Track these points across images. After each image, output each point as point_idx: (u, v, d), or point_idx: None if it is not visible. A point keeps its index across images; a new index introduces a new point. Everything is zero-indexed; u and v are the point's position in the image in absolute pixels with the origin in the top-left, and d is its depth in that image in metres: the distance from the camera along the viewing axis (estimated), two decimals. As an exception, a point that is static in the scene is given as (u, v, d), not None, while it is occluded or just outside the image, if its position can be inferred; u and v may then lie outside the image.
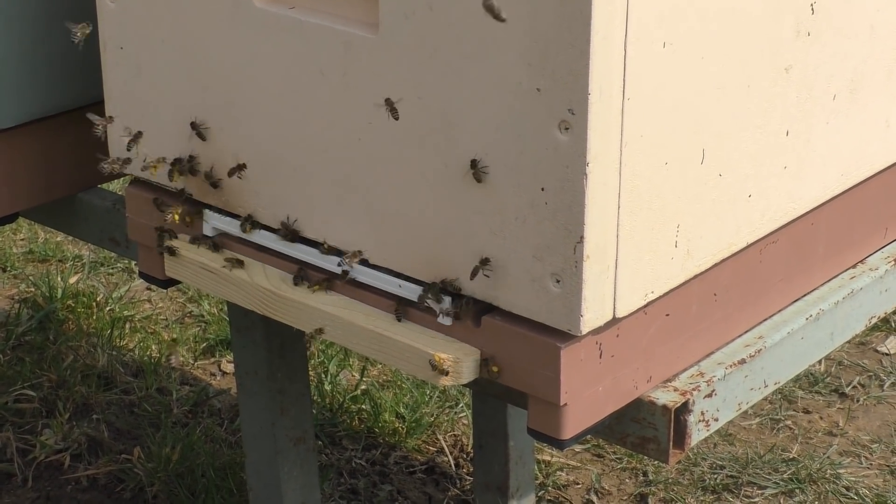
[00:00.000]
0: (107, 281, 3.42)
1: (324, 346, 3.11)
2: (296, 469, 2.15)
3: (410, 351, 1.56)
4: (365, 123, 1.56)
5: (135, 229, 1.82)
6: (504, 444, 2.47)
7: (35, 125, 1.94)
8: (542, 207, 1.44)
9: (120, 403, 2.96)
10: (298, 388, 2.11)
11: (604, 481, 2.82)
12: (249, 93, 1.66)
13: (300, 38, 1.59)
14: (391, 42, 1.51)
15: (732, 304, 1.68)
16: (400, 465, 2.84)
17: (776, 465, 2.85)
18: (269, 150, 1.66)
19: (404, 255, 1.58)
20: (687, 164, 1.52)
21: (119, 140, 1.80)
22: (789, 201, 1.69)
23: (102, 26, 1.76)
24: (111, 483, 2.75)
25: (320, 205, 1.64)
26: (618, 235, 1.46)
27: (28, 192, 1.97)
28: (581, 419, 1.53)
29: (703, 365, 1.66)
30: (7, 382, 2.97)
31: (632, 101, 1.42)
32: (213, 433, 2.86)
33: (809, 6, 1.61)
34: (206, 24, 1.66)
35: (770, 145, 1.62)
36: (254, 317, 1.98)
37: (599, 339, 1.51)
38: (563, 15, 1.37)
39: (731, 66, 1.53)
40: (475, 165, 1.47)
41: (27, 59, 1.90)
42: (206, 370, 3.13)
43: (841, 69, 1.69)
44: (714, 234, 1.58)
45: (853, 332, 1.85)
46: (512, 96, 1.43)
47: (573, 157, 1.41)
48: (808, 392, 3.11)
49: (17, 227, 3.62)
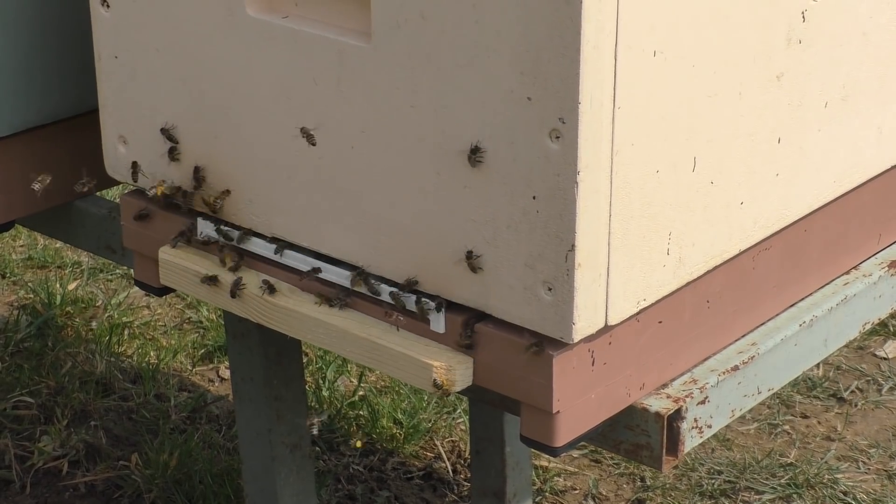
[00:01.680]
0: (105, 287, 3.43)
1: (321, 353, 3.11)
2: (292, 475, 2.16)
3: (404, 359, 1.56)
4: (358, 132, 1.57)
5: (130, 237, 1.83)
6: (501, 450, 2.47)
7: (31, 133, 1.94)
8: (534, 216, 1.45)
9: (118, 410, 2.97)
10: (294, 395, 2.12)
11: (601, 487, 2.83)
12: (244, 101, 1.66)
13: (294, 47, 1.59)
14: (384, 50, 1.52)
15: (725, 311, 1.68)
16: (397, 471, 2.84)
17: (774, 470, 2.86)
18: (263, 158, 1.67)
19: (397, 263, 1.58)
20: (678, 171, 1.52)
21: (113, 148, 1.81)
22: (782, 208, 1.69)
23: (97, 35, 1.77)
24: (109, 489, 2.75)
25: (314, 213, 1.64)
26: (609, 243, 1.46)
27: (24, 201, 1.98)
28: (574, 426, 1.54)
29: (696, 372, 1.66)
30: (5, 389, 2.97)
31: (622, 109, 1.43)
32: (211, 439, 2.86)
33: (801, 13, 1.61)
34: (201, 33, 1.67)
35: (762, 152, 1.63)
36: (249, 323, 1.98)
37: (592, 346, 1.51)
38: (554, 24, 1.38)
39: (723, 73, 1.53)
40: (476, 151, 1.47)
41: (23, 68, 1.90)
42: (204, 376, 3.14)
43: (833, 76, 1.69)
44: (706, 241, 1.59)
45: (847, 338, 1.86)
46: (503, 104, 1.44)
47: (564, 166, 1.41)
48: (806, 397, 3.11)
49: (16, 233, 3.63)
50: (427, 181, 1.53)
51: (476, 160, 1.47)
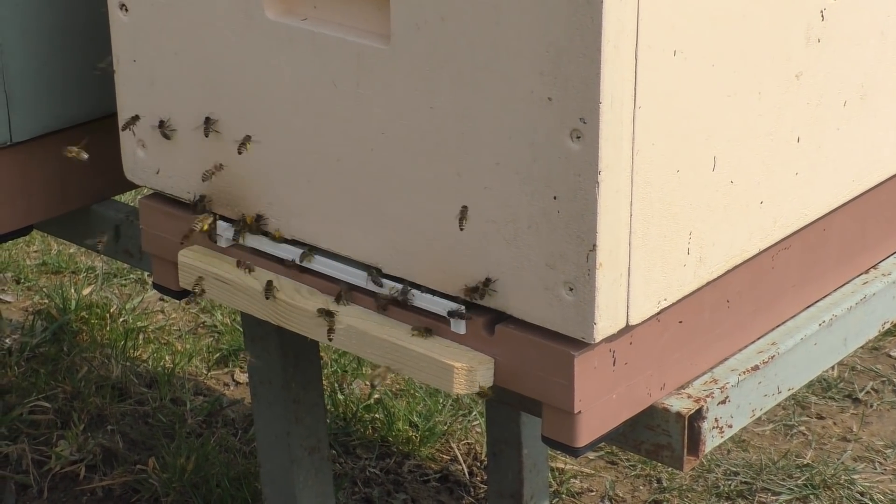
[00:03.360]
0: (120, 292, 3.43)
1: (337, 356, 3.11)
2: (310, 478, 2.16)
3: (425, 360, 1.56)
4: (378, 133, 1.57)
5: (149, 241, 1.83)
6: (518, 452, 2.47)
7: (50, 138, 1.95)
8: (555, 216, 1.45)
9: (134, 414, 2.97)
10: (312, 397, 2.12)
11: (618, 488, 2.83)
12: (262, 104, 1.66)
13: (313, 50, 1.59)
14: (403, 53, 1.52)
15: (745, 311, 1.68)
16: (414, 474, 2.84)
17: (790, 471, 2.85)
18: (282, 161, 1.67)
19: (418, 265, 1.58)
20: (698, 171, 1.52)
21: (131, 152, 1.81)
22: (801, 207, 1.69)
23: (115, 40, 1.77)
24: (126, 494, 2.75)
25: (334, 215, 1.65)
26: (630, 243, 1.46)
27: (43, 205, 1.98)
28: (595, 427, 1.54)
29: (717, 371, 1.66)
30: (22, 394, 2.98)
31: (643, 109, 1.43)
32: (227, 443, 2.86)
33: (819, 13, 1.61)
34: (219, 37, 1.67)
35: (781, 152, 1.63)
36: (268, 326, 1.99)
37: (613, 346, 1.51)
38: (575, 24, 1.38)
39: (742, 73, 1.54)
40: (488, 283, 1.51)
41: (42, 72, 1.91)
42: (219, 380, 3.14)
43: (851, 75, 1.69)
44: (726, 240, 1.59)
45: (866, 337, 1.86)
46: (524, 105, 1.44)
47: (585, 166, 1.41)
48: (821, 398, 3.11)
49: (30, 239, 3.63)
50: (447, 183, 1.53)
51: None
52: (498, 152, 1.47)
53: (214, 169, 1.70)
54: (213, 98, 1.71)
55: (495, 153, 1.48)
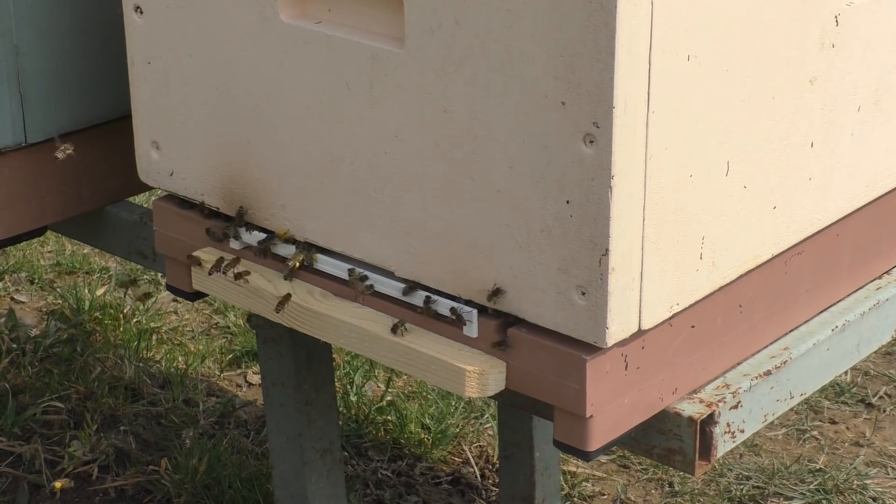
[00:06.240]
0: (133, 293, 3.44)
1: (349, 358, 3.12)
2: (322, 480, 2.16)
3: (437, 363, 1.56)
4: (391, 136, 1.57)
5: (162, 242, 1.84)
6: (530, 455, 2.47)
7: (64, 139, 1.95)
8: (568, 220, 1.45)
9: (147, 415, 2.98)
10: (325, 399, 2.12)
11: (630, 492, 2.82)
12: (276, 106, 1.67)
13: (327, 52, 1.60)
14: (417, 55, 1.52)
15: (758, 316, 1.68)
16: (426, 477, 2.84)
17: (802, 476, 2.85)
18: (296, 163, 1.67)
19: (431, 268, 1.58)
20: (712, 176, 1.52)
21: (146, 154, 1.81)
22: (815, 212, 1.69)
23: (130, 42, 1.78)
24: (139, 494, 2.76)
25: (346, 217, 1.65)
26: (643, 248, 1.46)
27: (57, 206, 1.99)
28: (607, 431, 1.54)
29: (729, 376, 1.66)
30: (35, 394, 2.99)
31: (656, 113, 1.43)
32: (239, 444, 2.87)
33: (834, 18, 1.61)
34: (234, 39, 1.68)
35: (795, 157, 1.63)
36: (280, 328, 1.99)
37: (625, 350, 1.51)
38: (589, 28, 1.38)
39: (756, 77, 1.53)
40: (497, 293, 1.52)
41: (57, 74, 1.92)
42: (232, 381, 3.14)
43: (866, 80, 1.69)
44: (739, 245, 1.59)
45: (879, 342, 1.85)
46: (538, 109, 1.44)
47: (598, 170, 1.42)
48: (834, 402, 3.10)
49: (44, 239, 3.64)
50: (460, 186, 1.53)
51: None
52: (511, 156, 1.47)
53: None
54: (227, 100, 1.71)
55: (508, 157, 1.48)
